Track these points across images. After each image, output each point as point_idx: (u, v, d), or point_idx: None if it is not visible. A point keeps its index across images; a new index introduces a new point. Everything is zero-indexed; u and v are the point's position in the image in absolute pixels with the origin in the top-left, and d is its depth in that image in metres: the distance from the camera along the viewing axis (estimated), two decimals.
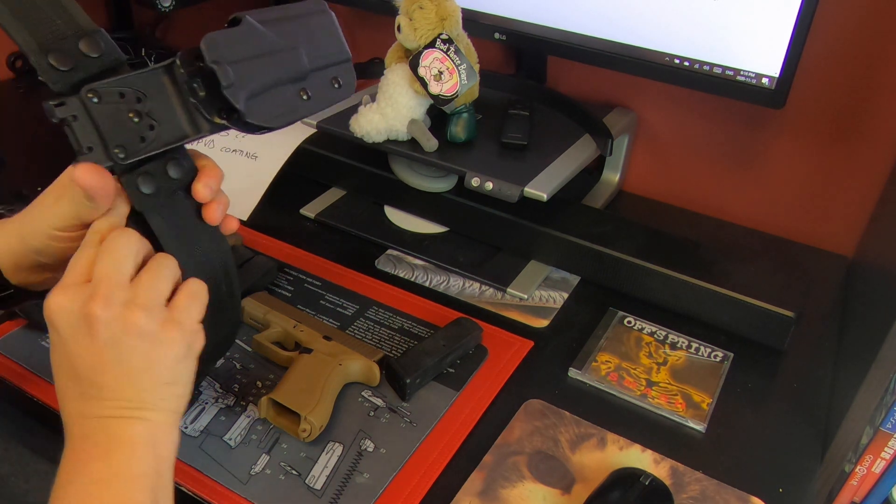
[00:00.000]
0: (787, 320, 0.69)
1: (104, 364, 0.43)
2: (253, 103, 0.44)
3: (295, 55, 0.47)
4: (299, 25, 0.48)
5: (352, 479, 0.57)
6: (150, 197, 0.46)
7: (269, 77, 0.45)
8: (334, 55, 0.49)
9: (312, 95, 0.48)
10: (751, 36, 0.73)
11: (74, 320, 0.42)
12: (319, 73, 0.48)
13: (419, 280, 0.79)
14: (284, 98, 0.46)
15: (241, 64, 0.44)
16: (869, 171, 0.83)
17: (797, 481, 0.59)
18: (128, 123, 0.43)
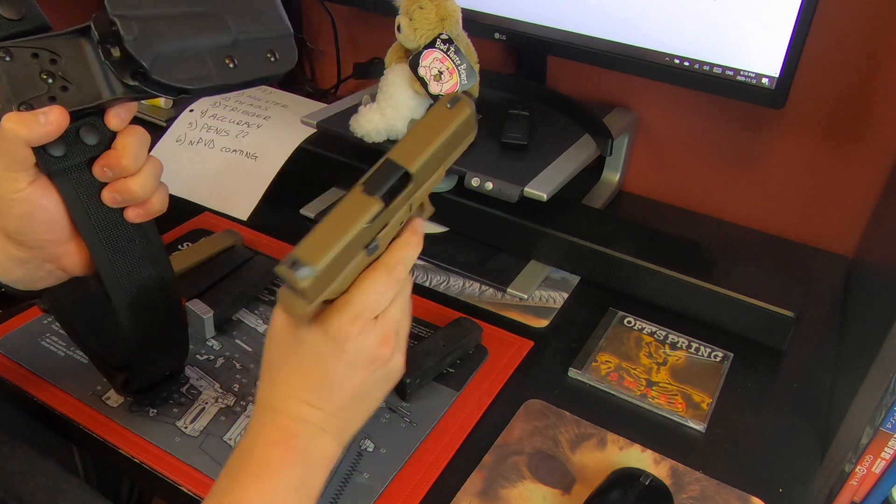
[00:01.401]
0: (787, 320, 0.69)
1: (355, 397, 0.46)
2: (162, 62, 0.43)
3: (217, 20, 0.46)
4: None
5: (352, 479, 0.57)
6: (59, 160, 0.45)
7: (183, 38, 0.44)
8: (270, 28, 0.48)
9: (239, 64, 0.46)
10: (751, 36, 0.73)
11: (367, 348, 0.45)
12: (250, 44, 0.47)
13: (419, 280, 0.79)
14: (201, 62, 0.45)
15: (150, 21, 0.43)
16: (869, 171, 0.83)
17: (797, 481, 0.59)
18: (38, 82, 0.43)
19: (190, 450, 0.58)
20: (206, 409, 0.62)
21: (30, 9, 0.44)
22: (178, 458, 0.58)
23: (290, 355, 0.46)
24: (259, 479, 0.44)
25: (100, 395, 0.63)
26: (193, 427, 0.60)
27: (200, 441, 0.59)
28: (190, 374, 0.65)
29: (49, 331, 0.69)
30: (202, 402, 0.63)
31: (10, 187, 0.46)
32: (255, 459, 0.44)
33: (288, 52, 0.49)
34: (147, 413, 0.61)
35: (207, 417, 0.61)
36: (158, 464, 0.57)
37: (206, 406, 0.62)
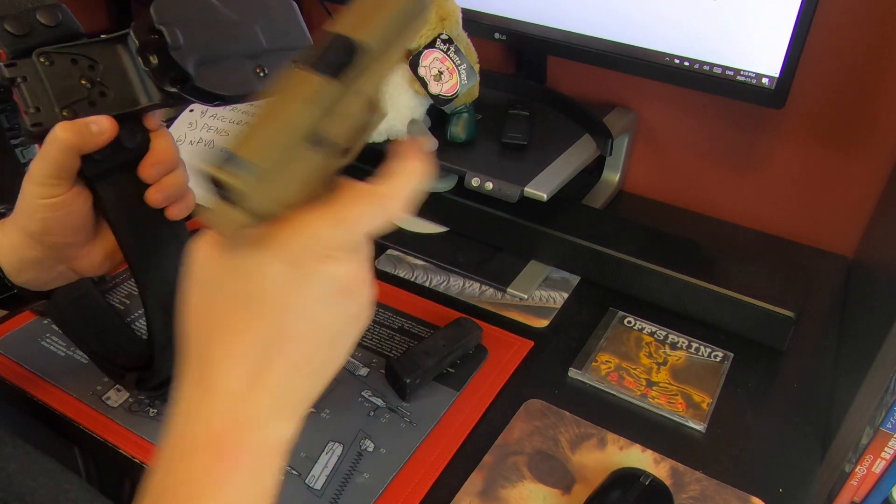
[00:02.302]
0: (787, 320, 0.69)
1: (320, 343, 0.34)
2: (203, 70, 0.44)
3: (250, 32, 0.47)
4: (257, 5, 0.48)
5: (352, 479, 0.57)
6: (99, 163, 0.46)
7: (221, 47, 0.45)
8: (293, 40, 0.49)
9: (268, 74, 0.47)
10: (751, 36, 0.72)
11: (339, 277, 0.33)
12: (278, 55, 0.48)
13: (419, 280, 0.79)
14: (238, 70, 0.46)
15: (192, 29, 0.44)
16: (869, 171, 0.83)
17: (797, 481, 0.59)
18: (78, 88, 0.45)
19: None
20: None
21: (65, 16, 0.46)
22: None
23: (222, 298, 0.33)
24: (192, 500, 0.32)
25: (100, 395, 0.63)
26: None
27: None
28: None
29: (49, 331, 0.69)
30: None
31: (47, 192, 0.46)
32: (179, 479, 0.32)
33: None
34: (147, 413, 0.61)
35: None
36: None
37: None
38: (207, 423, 0.32)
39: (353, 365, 0.67)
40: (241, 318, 0.32)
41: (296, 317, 0.32)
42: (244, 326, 0.32)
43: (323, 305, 0.33)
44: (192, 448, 0.32)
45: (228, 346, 0.32)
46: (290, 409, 0.34)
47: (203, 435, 0.32)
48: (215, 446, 0.32)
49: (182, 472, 0.32)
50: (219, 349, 0.32)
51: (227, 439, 0.32)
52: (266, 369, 0.32)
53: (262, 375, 0.32)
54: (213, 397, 0.32)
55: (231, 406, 0.32)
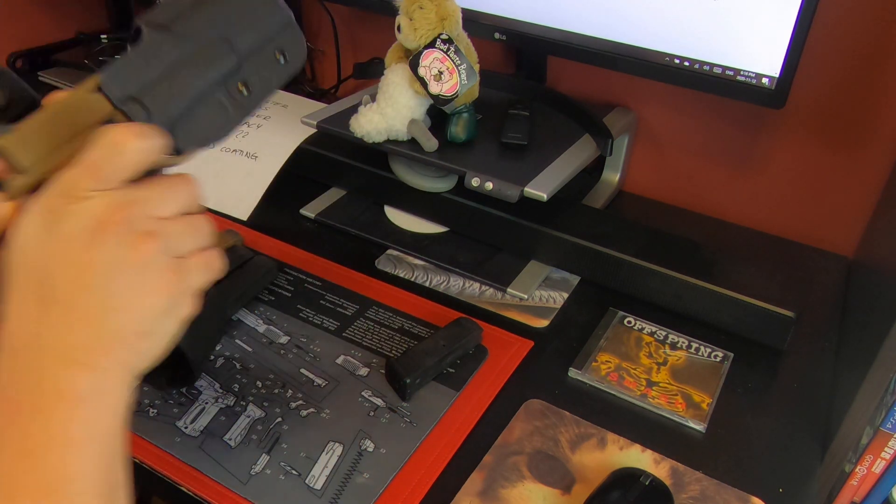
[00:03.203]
0: (787, 320, 0.69)
1: (86, 283, 0.34)
2: (181, 131, 0.38)
3: (220, 48, 0.39)
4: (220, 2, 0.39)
5: (352, 479, 0.57)
6: None
7: (194, 89, 0.38)
8: (271, 24, 0.41)
9: (253, 87, 0.40)
10: (751, 36, 0.73)
11: (90, 215, 0.33)
12: (256, 55, 0.40)
13: (419, 280, 0.79)
14: (217, 106, 0.39)
15: (155, 92, 0.37)
16: (869, 171, 0.83)
17: (797, 481, 0.59)
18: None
19: (190, 450, 0.58)
20: (206, 409, 0.62)
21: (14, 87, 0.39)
22: (178, 458, 0.58)
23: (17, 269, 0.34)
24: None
25: None
26: (193, 427, 0.60)
27: (200, 441, 0.59)
28: None
29: None
30: (202, 402, 0.63)
31: None
32: None
33: (296, 45, 0.42)
34: (147, 413, 0.61)
35: (207, 417, 0.61)
36: (158, 464, 0.57)
37: (206, 406, 0.62)
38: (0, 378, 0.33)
39: (353, 365, 0.67)
40: (14, 277, 0.34)
41: (53, 260, 0.33)
42: (15, 282, 0.34)
43: (79, 243, 0.33)
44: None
45: (10, 305, 0.34)
46: (71, 353, 0.34)
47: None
48: (5, 398, 0.33)
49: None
50: (7, 310, 0.34)
51: (18, 389, 0.33)
52: (41, 317, 0.34)
53: (39, 323, 0.34)
54: (2, 357, 0.33)
55: (18, 356, 0.33)
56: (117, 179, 0.34)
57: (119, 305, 0.35)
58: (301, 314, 0.73)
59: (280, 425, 0.61)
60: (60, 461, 0.33)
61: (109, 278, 0.34)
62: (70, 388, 0.34)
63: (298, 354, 0.68)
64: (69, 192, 0.34)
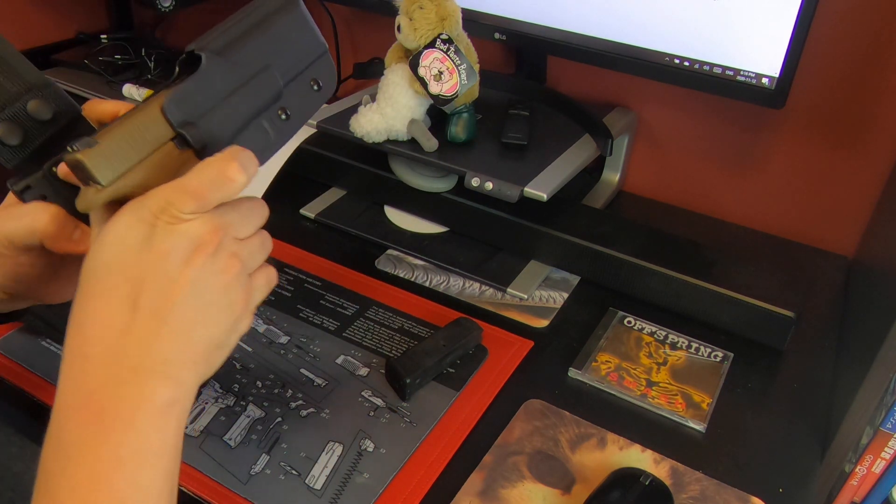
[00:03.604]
0: (787, 320, 0.69)
1: (178, 299, 0.35)
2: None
3: (265, 77, 0.42)
4: (268, 33, 0.42)
5: (352, 479, 0.57)
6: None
7: (243, 115, 0.41)
8: (309, 53, 0.44)
9: (292, 112, 0.43)
10: (751, 36, 0.73)
11: (189, 237, 0.36)
12: (296, 84, 0.44)
13: (419, 280, 0.79)
14: (260, 131, 0.42)
15: (211, 115, 0.39)
16: (869, 171, 0.83)
17: (797, 481, 0.59)
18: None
19: (190, 450, 0.58)
20: (206, 409, 0.62)
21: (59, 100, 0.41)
22: None
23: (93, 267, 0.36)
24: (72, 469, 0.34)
25: None
26: (193, 427, 0.60)
27: (200, 441, 0.59)
28: None
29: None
30: (202, 402, 0.63)
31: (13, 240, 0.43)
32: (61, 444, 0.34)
33: (329, 74, 0.45)
34: None
35: (207, 417, 0.61)
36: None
37: (206, 406, 0.62)
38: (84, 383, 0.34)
39: (353, 365, 0.67)
40: (102, 282, 0.35)
41: (150, 273, 0.35)
42: (103, 287, 0.35)
43: (176, 260, 0.35)
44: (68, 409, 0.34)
45: (96, 310, 0.35)
46: (157, 365, 0.35)
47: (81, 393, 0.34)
48: (92, 402, 0.34)
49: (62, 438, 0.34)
50: (89, 314, 0.35)
51: (104, 394, 0.34)
52: (130, 326, 0.35)
53: (127, 333, 0.35)
54: (84, 364, 0.34)
55: (103, 361, 0.34)
56: (214, 204, 0.37)
57: (205, 321, 0.37)
58: (301, 314, 0.73)
59: (280, 425, 0.61)
60: (137, 471, 0.34)
61: (199, 296, 0.36)
62: (152, 398, 0.35)
63: (298, 354, 0.68)
64: (171, 213, 0.35)
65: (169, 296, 0.35)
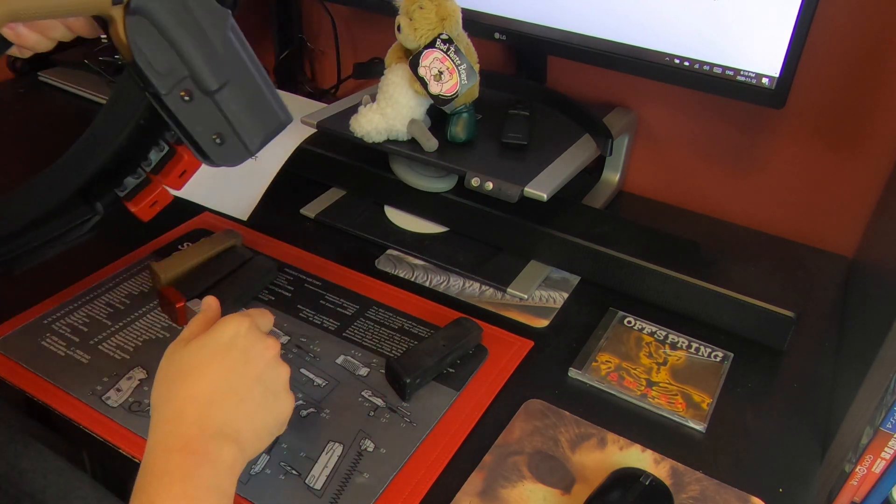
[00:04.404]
0: (787, 320, 0.69)
1: (251, 394, 0.52)
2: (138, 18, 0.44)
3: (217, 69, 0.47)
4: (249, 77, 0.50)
5: (352, 479, 0.57)
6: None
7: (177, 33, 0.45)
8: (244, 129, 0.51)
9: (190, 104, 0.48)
10: (751, 36, 0.73)
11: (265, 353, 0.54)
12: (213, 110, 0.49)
13: (419, 280, 0.79)
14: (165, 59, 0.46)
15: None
16: (869, 171, 0.83)
17: (797, 481, 0.59)
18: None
19: None
20: None
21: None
22: None
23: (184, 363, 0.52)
24: (170, 487, 0.45)
25: (100, 395, 0.63)
26: None
27: None
28: None
29: (49, 331, 0.69)
30: None
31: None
32: (160, 471, 0.46)
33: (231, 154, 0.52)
34: (147, 413, 0.61)
35: None
36: None
37: None
38: (180, 434, 0.48)
39: (353, 365, 0.67)
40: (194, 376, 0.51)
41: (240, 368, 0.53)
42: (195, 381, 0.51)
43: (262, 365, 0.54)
44: (168, 450, 0.47)
45: (190, 390, 0.50)
46: (233, 434, 0.49)
47: (179, 440, 0.48)
48: (187, 447, 0.47)
49: (162, 468, 0.46)
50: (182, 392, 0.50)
51: (195, 442, 0.47)
52: (214, 403, 0.50)
53: (211, 406, 0.50)
54: (184, 416, 0.49)
55: (195, 422, 0.49)
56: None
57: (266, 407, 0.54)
58: (301, 314, 0.73)
59: None
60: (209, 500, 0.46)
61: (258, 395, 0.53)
62: (226, 455, 0.48)
63: (298, 354, 0.68)
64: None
65: (253, 387, 0.52)
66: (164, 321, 0.71)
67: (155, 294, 0.73)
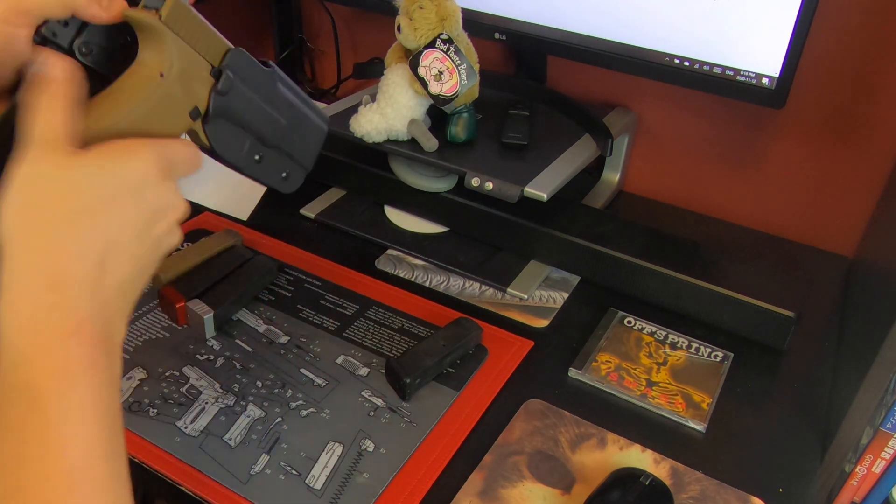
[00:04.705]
0: (787, 320, 0.69)
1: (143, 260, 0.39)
2: (218, 123, 0.45)
3: (278, 125, 0.49)
4: (300, 113, 0.51)
5: (352, 479, 0.57)
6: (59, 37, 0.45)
7: (248, 116, 0.47)
8: (302, 157, 0.52)
9: (262, 162, 0.49)
10: (751, 36, 0.73)
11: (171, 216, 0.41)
12: (281, 156, 0.51)
13: (419, 280, 0.79)
14: (242, 143, 0.48)
15: (240, 90, 0.46)
16: (869, 170, 0.83)
17: (797, 481, 0.59)
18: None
19: (190, 450, 0.58)
20: (206, 409, 0.62)
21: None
22: (178, 458, 0.58)
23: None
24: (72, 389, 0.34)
25: None
26: (193, 427, 0.60)
27: (200, 441, 0.59)
28: (190, 374, 0.65)
29: None
30: (202, 402, 0.63)
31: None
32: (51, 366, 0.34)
33: (296, 181, 0.53)
34: (147, 413, 0.61)
35: (207, 417, 0.61)
36: (158, 464, 0.57)
37: (206, 406, 0.62)
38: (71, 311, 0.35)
39: (353, 365, 0.67)
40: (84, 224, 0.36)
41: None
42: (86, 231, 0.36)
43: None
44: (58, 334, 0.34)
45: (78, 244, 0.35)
46: (124, 308, 0.38)
47: (70, 320, 0.35)
48: (82, 331, 0.35)
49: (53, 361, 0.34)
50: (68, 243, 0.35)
51: (91, 325, 0.35)
52: (107, 268, 0.36)
53: (104, 272, 0.36)
54: (72, 284, 0.35)
55: (89, 294, 0.36)
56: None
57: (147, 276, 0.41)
58: (301, 314, 0.73)
59: (280, 425, 0.61)
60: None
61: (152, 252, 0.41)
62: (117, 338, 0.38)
63: (298, 354, 0.68)
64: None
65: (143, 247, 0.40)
66: (164, 321, 0.71)
67: (155, 294, 0.73)
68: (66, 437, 0.34)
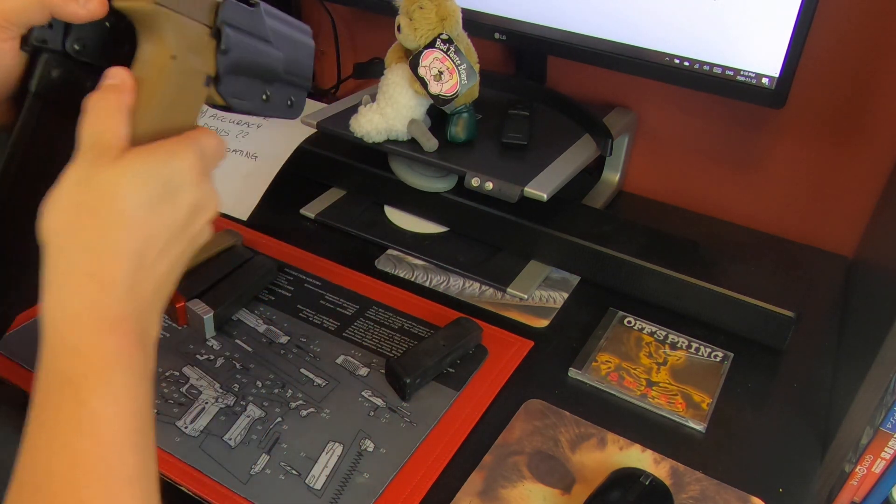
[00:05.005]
0: (787, 320, 0.69)
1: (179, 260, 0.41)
2: (228, 78, 0.45)
3: (277, 58, 0.49)
4: (290, 38, 0.50)
5: (352, 479, 0.57)
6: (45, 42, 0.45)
7: (251, 61, 0.47)
8: (301, 79, 0.52)
9: (271, 100, 0.50)
10: (751, 36, 0.73)
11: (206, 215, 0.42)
12: (283, 86, 0.51)
13: (419, 280, 0.79)
14: (251, 89, 0.48)
15: (242, 39, 0.45)
16: (869, 170, 0.83)
17: (797, 481, 0.59)
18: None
19: (190, 450, 0.58)
20: (206, 409, 0.62)
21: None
22: (178, 458, 0.58)
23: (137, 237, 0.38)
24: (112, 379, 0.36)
25: None
26: (193, 427, 0.60)
27: (200, 441, 0.59)
28: (190, 374, 0.65)
29: None
30: (202, 402, 0.63)
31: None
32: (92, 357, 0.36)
33: (301, 105, 0.53)
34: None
35: (207, 417, 0.61)
36: (158, 464, 0.57)
37: (206, 406, 0.62)
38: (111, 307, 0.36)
39: (353, 365, 0.67)
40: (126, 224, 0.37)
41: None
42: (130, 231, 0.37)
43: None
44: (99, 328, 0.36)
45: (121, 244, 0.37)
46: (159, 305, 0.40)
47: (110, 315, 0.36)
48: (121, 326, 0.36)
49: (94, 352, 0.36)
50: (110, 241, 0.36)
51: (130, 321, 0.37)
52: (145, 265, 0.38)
53: (142, 268, 0.37)
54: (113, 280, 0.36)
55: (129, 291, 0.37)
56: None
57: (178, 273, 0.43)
58: (301, 314, 0.73)
59: (280, 425, 0.61)
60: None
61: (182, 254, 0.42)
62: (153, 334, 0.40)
63: (298, 354, 0.68)
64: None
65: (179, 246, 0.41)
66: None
67: None
68: (99, 427, 0.35)
